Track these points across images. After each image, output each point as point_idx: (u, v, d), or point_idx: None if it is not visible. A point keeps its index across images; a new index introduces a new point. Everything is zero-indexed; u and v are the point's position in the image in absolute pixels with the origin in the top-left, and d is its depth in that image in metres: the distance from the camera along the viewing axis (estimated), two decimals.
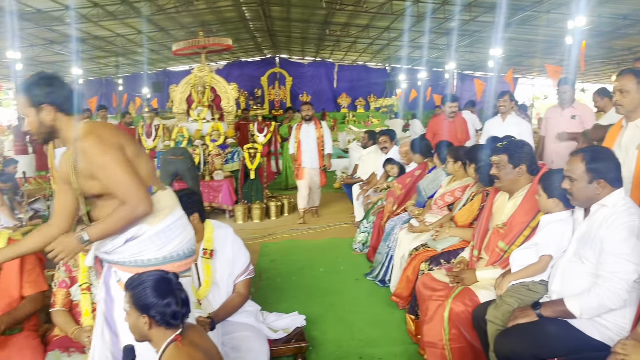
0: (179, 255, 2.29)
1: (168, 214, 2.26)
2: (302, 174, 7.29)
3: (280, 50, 21.63)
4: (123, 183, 2.09)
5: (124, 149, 2.14)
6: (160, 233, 2.22)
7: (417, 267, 3.68)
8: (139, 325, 1.89)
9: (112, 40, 16.99)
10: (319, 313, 4.00)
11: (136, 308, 1.88)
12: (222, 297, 3.02)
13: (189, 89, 8.30)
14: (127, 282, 1.96)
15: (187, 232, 2.35)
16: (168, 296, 1.88)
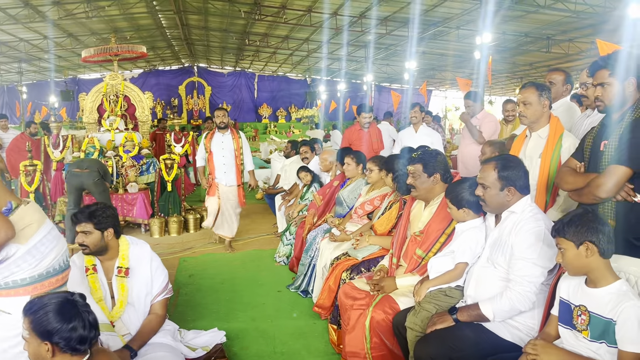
0: (55, 270, 2.18)
1: (37, 228, 2.13)
2: (215, 189, 6.11)
3: (199, 59, 21.23)
4: None
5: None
6: (33, 250, 2.08)
7: (338, 277, 3.68)
8: (40, 354, 1.72)
9: (14, 45, 15.86)
10: (240, 328, 3.89)
11: (37, 335, 1.71)
12: (137, 318, 2.84)
13: (101, 98, 7.90)
14: (26, 306, 1.78)
15: (61, 243, 2.24)
16: (74, 320, 1.72)
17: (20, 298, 2.02)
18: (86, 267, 2.83)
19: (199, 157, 6.25)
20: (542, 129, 3.05)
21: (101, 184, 6.13)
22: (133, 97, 7.96)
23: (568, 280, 2.07)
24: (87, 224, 2.72)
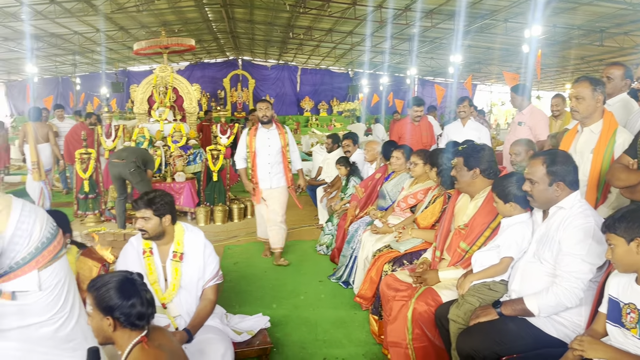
0: (48, 239, 2.21)
1: (8, 212, 2.12)
2: (259, 196, 5.38)
3: (243, 52, 21.52)
4: None
5: None
6: (17, 231, 2.10)
7: (380, 268, 3.72)
8: (102, 328, 1.84)
9: (69, 38, 16.50)
10: (283, 315, 3.99)
11: (100, 310, 1.83)
12: (189, 301, 2.96)
13: (151, 89, 8.16)
14: (90, 284, 1.90)
15: (40, 213, 2.24)
16: (133, 297, 1.84)
17: (30, 274, 2.13)
18: (143, 250, 2.97)
19: (239, 158, 5.45)
20: (594, 124, 2.99)
21: (138, 174, 6.32)
22: (181, 89, 8.19)
23: (617, 278, 2.04)
24: (147, 210, 2.86)
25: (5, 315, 2.17)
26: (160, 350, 1.88)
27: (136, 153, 6.52)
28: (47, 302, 2.18)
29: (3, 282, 2.12)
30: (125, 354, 1.85)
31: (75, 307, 2.34)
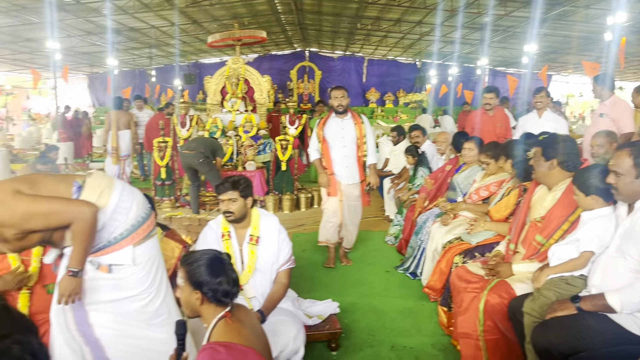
0: (143, 218, 2.40)
1: (111, 190, 2.33)
2: (335, 188, 4.90)
3: (310, 44, 21.67)
4: (53, 210, 2.14)
5: (20, 192, 2.12)
6: (117, 208, 2.31)
7: (450, 260, 3.70)
8: (191, 301, 1.98)
9: (146, 32, 17.28)
10: (351, 302, 4.06)
11: (190, 284, 1.97)
12: (263, 284, 3.09)
13: (224, 81, 8.43)
14: (182, 259, 2.05)
15: (137, 195, 2.44)
16: (221, 275, 1.96)
17: (126, 249, 2.32)
18: (222, 234, 3.13)
19: (313, 149, 5.02)
20: None
21: (206, 164, 6.58)
22: (252, 81, 8.41)
23: None
24: (234, 192, 3.03)
25: (101, 288, 2.37)
26: (242, 326, 1.99)
27: (205, 143, 6.80)
28: (139, 277, 2.36)
29: (102, 255, 2.32)
30: (210, 327, 1.98)
31: (163, 284, 2.52)
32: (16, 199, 2.08)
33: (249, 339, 1.95)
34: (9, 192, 2.09)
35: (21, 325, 1.17)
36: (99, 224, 2.25)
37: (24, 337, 1.14)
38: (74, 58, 20.52)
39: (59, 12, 13.11)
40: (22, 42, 17.48)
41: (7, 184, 2.16)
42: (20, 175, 2.27)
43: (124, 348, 2.37)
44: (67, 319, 2.36)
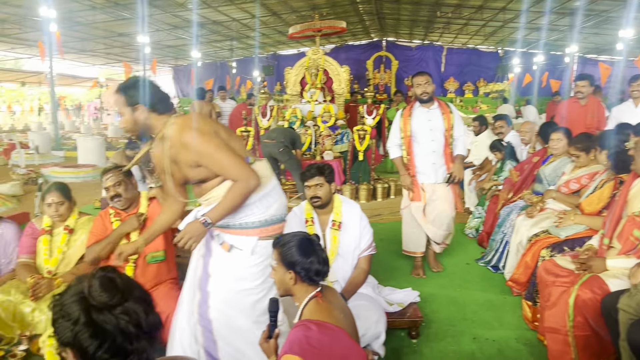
0: (277, 219, 2.51)
1: (267, 181, 2.47)
2: (419, 192, 4.36)
3: (388, 34, 21.45)
4: (230, 165, 2.30)
5: (218, 134, 2.34)
6: (263, 199, 2.43)
7: (537, 253, 3.59)
8: (285, 281, 2.08)
9: (227, 25, 17.85)
10: (430, 292, 4.05)
11: (283, 264, 2.07)
12: (345, 269, 3.16)
13: (303, 72, 8.57)
14: (275, 241, 2.15)
15: (283, 199, 2.57)
16: (312, 255, 2.05)
17: (250, 238, 2.44)
18: (306, 219, 3.23)
19: (393, 145, 4.48)
20: None
21: (286, 153, 6.75)
22: (331, 71, 8.49)
23: None
24: (320, 178, 3.13)
25: (226, 275, 2.51)
26: (332, 306, 2.07)
27: (285, 134, 6.98)
28: (255, 271, 2.49)
29: (229, 234, 2.47)
30: (302, 306, 2.07)
31: (273, 285, 2.64)
32: (212, 137, 2.28)
33: (338, 319, 2.03)
34: (211, 129, 2.29)
35: (131, 295, 1.22)
36: (249, 199, 2.39)
37: (131, 308, 1.20)
38: (161, 51, 21.61)
39: (149, 7, 13.85)
40: (115, 37, 18.64)
41: (212, 124, 2.36)
42: (221, 124, 2.47)
43: (229, 336, 2.50)
44: (195, 297, 2.54)
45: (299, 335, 1.90)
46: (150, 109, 2.34)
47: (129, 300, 1.20)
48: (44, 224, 3.44)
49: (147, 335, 1.21)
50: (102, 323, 1.16)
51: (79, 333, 1.15)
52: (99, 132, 19.76)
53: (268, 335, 2.06)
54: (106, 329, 1.16)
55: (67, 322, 1.17)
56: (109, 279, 1.21)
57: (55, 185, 3.47)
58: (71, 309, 1.17)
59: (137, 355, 1.19)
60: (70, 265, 3.39)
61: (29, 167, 10.54)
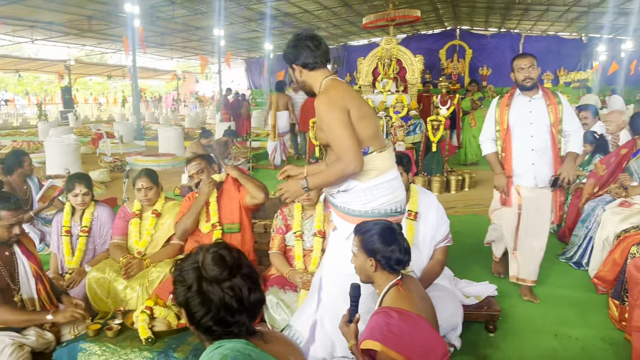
0: (380, 213, 2.46)
1: (377, 175, 2.44)
2: (511, 198, 3.74)
3: (462, 22, 20.87)
4: (340, 141, 2.32)
5: (348, 111, 2.34)
6: (367, 190, 2.42)
7: (626, 250, 3.40)
8: (365, 267, 2.11)
9: (299, 17, 18.06)
10: (507, 287, 3.94)
11: (364, 251, 2.10)
12: (420, 260, 3.15)
13: (376, 62, 8.52)
14: (356, 227, 2.18)
15: (395, 194, 2.48)
16: (393, 243, 2.06)
17: (348, 224, 2.47)
18: None
19: (487, 139, 3.84)
20: None
21: None
22: (405, 61, 8.38)
23: None
24: (399, 167, 3.13)
25: (330, 248, 2.63)
26: (412, 295, 2.08)
27: None
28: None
29: (336, 215, 2.54)
30: (382, 294, 2.09)
31: None
32: (338, 111, 2.31)
33: (419, 308, 2.03)
34: (342, 104, 2.32)
35: (238, 272, 1.33)
36: (343, 186, 2.44)
37: (236, 285, 1.31)
38: (235, 44, 22.21)
39: (224, 1, 14.26)
40: (192, 30, 19.37)
41: (350, 100, 2.36)
42: (362, 100, 2.50)
43: (329, 316, 2.57)
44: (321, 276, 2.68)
45: (380, 321, 1.93)
46: (303, 67, 2.46)
47: (236, 277, 1.31)
48: (134, 208, 3.68)
49: (248, 311, 1.31)
50: (210, 294, 1.29)
51: (190, 298, 1.30)
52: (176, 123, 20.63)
53: (348, 319, 2.08)
54: (212, 299, 1.28)
55: (182, 287, 1.32)
56: (220, 255, 1.33)
57: (144, 172, 3.70)
58: (187, 276, 1.32)
59: (237, 327, 1.31)
60: (157, 247, 3.60)
61: (114, 155, 11.23)
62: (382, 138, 2.53)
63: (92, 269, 3.45)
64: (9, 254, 2.80)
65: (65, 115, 22.44)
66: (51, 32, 18.32)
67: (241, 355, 1.25)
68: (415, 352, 1.85)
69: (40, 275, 2.89)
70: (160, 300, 2.84)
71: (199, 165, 3.52)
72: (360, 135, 2.37)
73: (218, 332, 1.32)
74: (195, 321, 1.32)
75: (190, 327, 1.39)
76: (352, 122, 2.35)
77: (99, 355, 2.54)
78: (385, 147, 2.49)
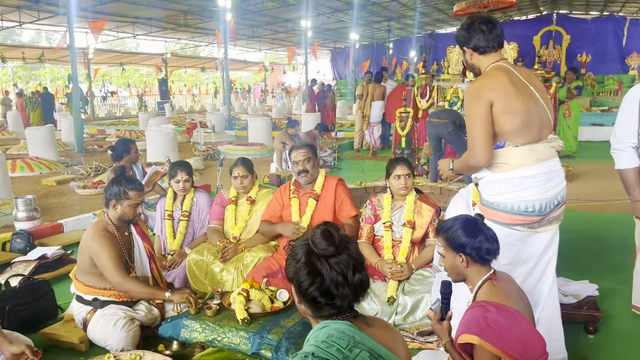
0: (506, 209, 2.41)
1: (508, 169, 2.39)
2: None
3: (559, 6, 19.64)
4: (471, 133, 2.37)
5: (492, 103, 2.32)
6: (495, 182, 2.41)
7: None
8: (456, 265, 2.07)
9: (386, 5, 17.85)
10: (609, 287, 3.71)
11: (452, 249, 2.06)
12: None
13: None
14: (438, 228, 2.16)
15: (526, 193, 2.37)
16: (479, 234, 2.01)
17: (494, 220, 2.42)
18: (473, 202, 3.18)
19: (625, 147, 2.99)
20: None
21: (455, 134, 6.56)
22: None
23: None
24: None
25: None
26: (508, 289, 2.03)
27: (453, 115, 6.82)
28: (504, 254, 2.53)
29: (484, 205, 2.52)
30: (475, 289, 2.05)
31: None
32: (479, 101, 2.34)
33: (516, 303, 1.98)
34: (481, 98, 2.34)
35: (345, 251, 1.42)
36: (483, 177, 2.47)
37: (342, 262, 1.39)
38: (321, 35, 22.41)
39: None
40: (280, 22, 19.77)
41: (503, 93, 2.34)
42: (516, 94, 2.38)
43: None
44: None
45: (477, 315, 1.90)
46: (474, 49, 2.48)
47: (342, 255, 1.41)
48: (230, 195, 3.87)
49: (352, 288, 1.40)
50: (317, 266, 1.39)
51: (299, 270, 1.42)
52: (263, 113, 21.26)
53: (441, 317, 2.08)
54: (319, 271, 1.39)
55: (292, 260, 1.45)
56: (329, 232, 1.43)
57: (241, 160, 3.87)
58: (297, 250, 1.45)
59: (341, 300, 1.40)
60: (251, 232, 3.77)
61: (207, 144, 11.79)
62: (536, 132, 2.40)
63: (192, 252, 3.68)
64: (128, 234, 3.07)
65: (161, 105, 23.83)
66: (150, 27, 19.47)
67: (345, 336, 1.31)
68: (514, 348, 1.80)
69: (152, 255, 3.14)
70: (256, 283, 2.98)
71: (307, 154, 3.54)
72: (498, 129, 2.37)
73: (322, 304, 1.40)
74: (303, 291, 1.41)
75: (297, 305, 1.49)
76: (493, 115, 2.34)
77: (199, 332, 2.72)
78: (531, 142, 2.38)
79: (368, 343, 1.33)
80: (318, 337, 1.34)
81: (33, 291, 3.29)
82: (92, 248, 2.87)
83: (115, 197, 2.94)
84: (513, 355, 1.79)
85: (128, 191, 2.92)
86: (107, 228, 2.97)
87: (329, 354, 1.27)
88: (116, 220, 2.99)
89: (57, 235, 5.13)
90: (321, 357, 1.26)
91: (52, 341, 3.04)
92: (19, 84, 28.75)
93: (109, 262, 2.83)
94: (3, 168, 6.52)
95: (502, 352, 1.79)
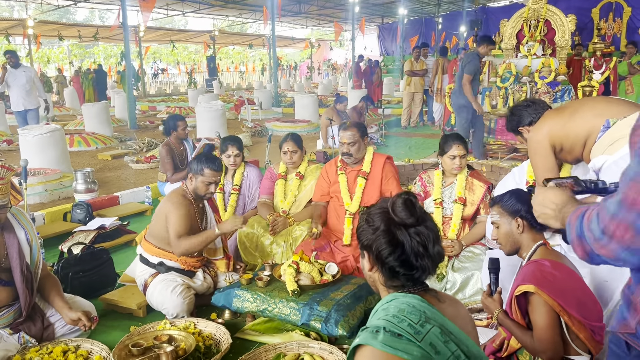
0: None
1: (624, 144, 1.96)
2: None
3: None
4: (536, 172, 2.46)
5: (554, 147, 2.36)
6: (619, 161, 2.02)
7: None
8: (511, 232, 2.06)
9: None
10: None
11: (507, 214, 2.06)
12: None
13: (521, 23, 7.97)
14: (491, 201, 2.20)
15: None
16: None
17: None
18: (527, 180, 3.09)
19: None
20: None
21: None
22: (554, 21, 7.73)
23: None
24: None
25: None
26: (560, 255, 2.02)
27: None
28: None
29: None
30: (529, 253, 2.03)
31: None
32: (540, 156, 2.42)
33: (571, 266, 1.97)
34: (544, 146, 2.39)
35: (424, 222, 1.37)
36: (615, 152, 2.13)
37: (423, 232, 1.35)
38: (369, 10, 22.04)
39: None
40: None
41: (559, 131, 2.35)
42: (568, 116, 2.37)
43: None
44: None
45: (532, 268, 1.92)
46: None
47: (422, 225, 1.36)
48: (280, 170, 3.92)
49: (431, 259, 1.36)
50: (398, 235, 1.34)
51: (377, 238, 1.36)
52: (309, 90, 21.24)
53: (490, 292, 2.11)
54: (400, 240, 1.34)
55: (369, 228, 1.39)
56: (411, 201, 1.37)
57: (290, 136, 3.91)
58: (375, 218, 1.39)
59: (419, 271, 1.36)
60: (300, 207, 3.82)
61: (254, 121, 11.92)
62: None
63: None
64: (202, 206, 3.26)
65: (210, 82, 24.17)
66: (199, 4, 19.67)
67: (416, 311, 1.27)
68: (569, 302, 1.79)
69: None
70: (305, 256, 3.04)
71: (353, 137, 3.49)
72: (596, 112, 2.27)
73: (400, 275, 1.36)
74: (381, 260, 1.36)
75: (367, 273, 1.44)
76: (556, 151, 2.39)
77: (251, 302, 2.81)
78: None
79: (438, 319, 1.28)
80: (388, 311, 1.29)
81: (94, 259, 3.46)
82: (168, 208, 3.05)
83: (193, 171, 3.11)
84: (569, 310, 1.79)
85: (204, 168, 3.07)
86: (185, 195, 3.15)
87: (401, 329, 1.22)
88: (192, 192, 3.15)
89: (114, 207, 5.34)
90: (392, 332, 1.21)
91: (111, 306, 3.19)
92: (75, 62, 29.78)
93: (177, 221, 3.00)
94: (63, 143, 6.81)
95: (558, 305, 1.79)
